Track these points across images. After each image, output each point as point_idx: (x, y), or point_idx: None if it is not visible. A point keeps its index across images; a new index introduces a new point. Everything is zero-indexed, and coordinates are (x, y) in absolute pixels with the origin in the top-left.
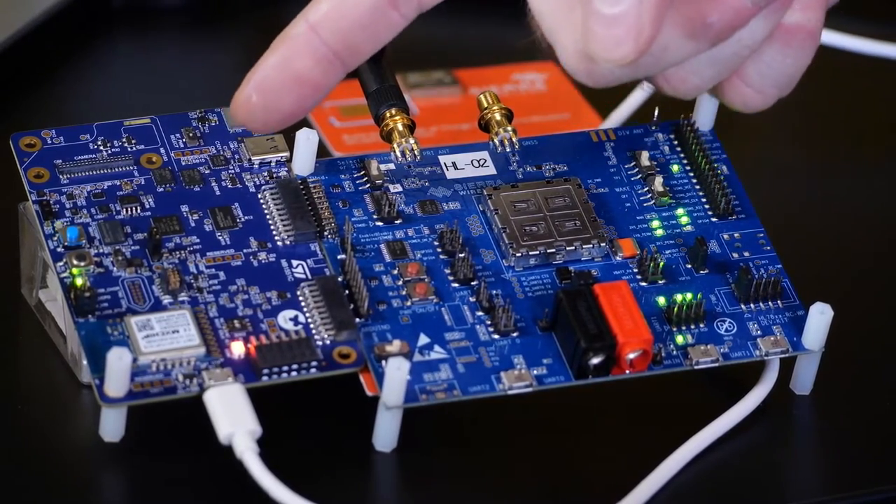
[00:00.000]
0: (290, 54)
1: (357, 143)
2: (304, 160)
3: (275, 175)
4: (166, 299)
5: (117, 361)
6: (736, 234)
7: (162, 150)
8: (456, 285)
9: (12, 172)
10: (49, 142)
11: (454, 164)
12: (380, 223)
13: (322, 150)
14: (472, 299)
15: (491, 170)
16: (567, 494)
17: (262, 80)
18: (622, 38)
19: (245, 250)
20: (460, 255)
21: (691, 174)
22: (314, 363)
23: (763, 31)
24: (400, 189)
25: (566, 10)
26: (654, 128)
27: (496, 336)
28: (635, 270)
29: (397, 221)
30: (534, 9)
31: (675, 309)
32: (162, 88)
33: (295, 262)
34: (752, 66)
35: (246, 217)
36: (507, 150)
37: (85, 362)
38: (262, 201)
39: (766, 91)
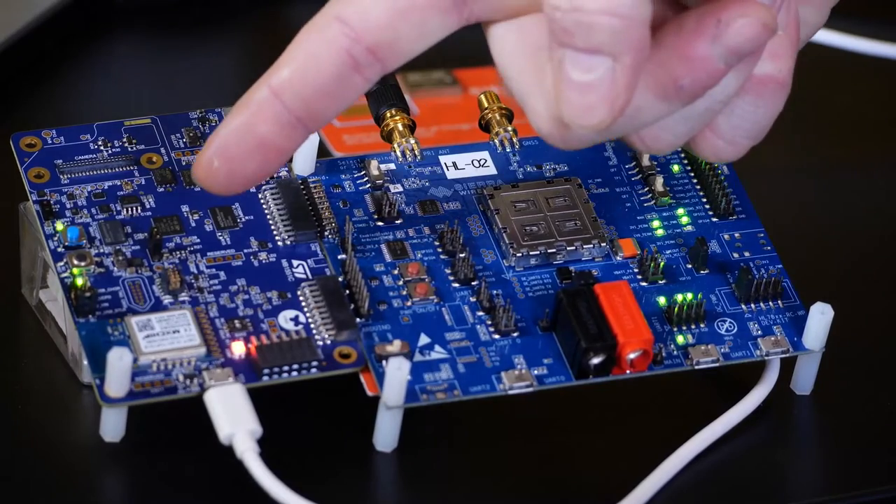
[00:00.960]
0: (253, 120)
1: (357, 143)
2: (304, 160)
3: (275, 175)
4: (167, 299)
5: (118, 361)
6: (736, 234)
7: (162, 150)
8: (456, 285)
9: (12, 172)
10: (49, 142)
11: (454, 164)
12: (380, 223)
13: (322, 150)
14: (472, 299)
15: (491, 170)
16: (567, 494)
17: (224, 146)
18: (596, 104)
19: (245, 250)
20: (461, 255)
21: (692, 174)
22: (315, 363)
23: (734, 86)
24: (400, 189)
25: (536, 73)
26: None
27: (497, 336)
28: (636, 270)
29: (398, 221)
30: (502, 72)
31: (676, 309)
32: (162, 88)
33: (295, 262)
34: (724, 119)
35: (246, 217)
36: (508, 150)
37: (85, 362)
38: (262, 201)
39: (738, 142)
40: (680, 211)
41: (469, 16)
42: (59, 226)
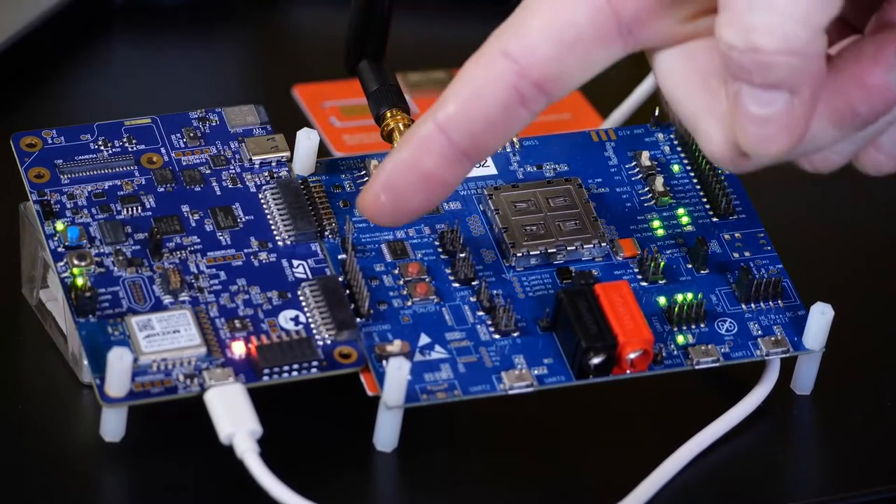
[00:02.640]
0: (419, 154)
1: (358, 143)
2: (304, 160)
3: (275, 175)
4: (167, 299)
5: (118, 361)
6: (736, 234)
7: (163, 150)
8: (457, 285)
9: (13, 172)
10: (50, 142)
11: None
12: None
13: (323, 150)
14: (472, 299)
15: (491, 170)
16: (567, 494)
17: (390, 180)
18: (775, 135)
19: (246, 250)
20: (461, 255)
21: (692, 174)
22: (315, 363)
23: None
24: None
25: (707, 98)
26: (654, 128)
27: (497, 336)
28: (636, 270)
29: None
30: (669, 97)
31: (676, 309)
32: (162, 88)
33: (296, 262)
34: (887, 136)
35: (247, 217)
36: (508, 149)
37: (86, 362)
38: (262, 201)
39: None
40: (680, 211)
41: (635, 45)
42: (60, 226)
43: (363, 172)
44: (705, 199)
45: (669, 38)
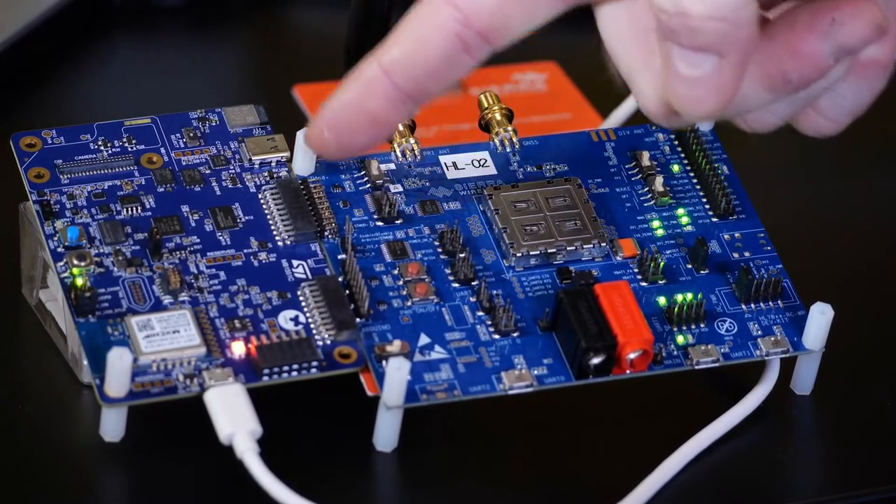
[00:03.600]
0: (363, 96)
1: None
2: (304, 160)
3: (275, 175)
4: (167, 299)
5: (118, 361)
6: (736, 234)
7: (162, 150)
8: (456, 285)
9: (12, 172)
10: (49, 142)
11: (454, 164)
12: (380, 223)
13: None
14: (472, 299)
15: (491, 170)
16: (568, 495)
17: (334, 118)
18: (704, 96)
19: (245, 250)
20: (461, 256)
21: (692, 174)
22: (315, 363)
23: (839, 74)
24: (400, 189)
25: (645, 54)
26: (654, 128)
27: (497, 336)
28: (636, 270)
29: (398, 221)
30: (609, 50)
31: (676, 309)
32: (162, 88)
33: (295, 262)
34: (826, 99)
35: (246, 217)
36: (508, 150)
37: (85, 362)
38: (262, 201)
39: (839, 120)
40: (680, 211)
41: None
42: (59, 226)
43: (363, 173)
44: (705, 200)
45: None
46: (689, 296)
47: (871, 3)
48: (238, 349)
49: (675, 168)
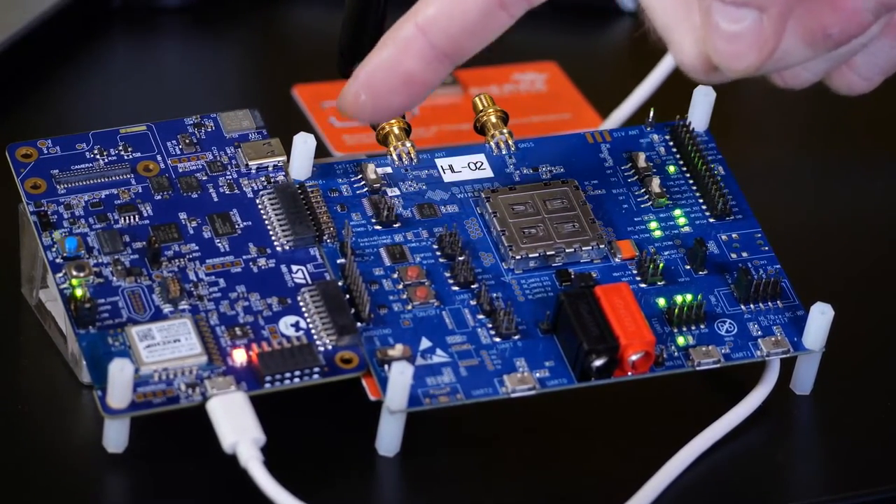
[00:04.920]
0: (399, 56)
1: (357, 143)
2: (301, 164)
3: (272, 179)
4: (167, 308)
5: (119, 373)
6: (734, 235)
7: (158, 158)
8: (456, 289)
9: (11, 172)
10: (45, 151)
11: (451, 167)
12: (378, 227)
13: (322, 150)
14: (472, 302)
15: (488, 172)
16: (571, 498)
17: (371, 80)
18: (744, 52)
19: (244, 256)
20: (460, 259)
21: (688, 175)
22: (316, 369)
23: (877, 31)
24: (398, 192)
25: (683, 8)
26: (649, 129)
27: (498, 339)
28: (635, 272)
29: (396, 225)
30: (646, 4)
31: (676, 310)
32: (161, 89)
33: (295, 268)
34: (862, 57)
35: (244, 223)
36: (504, 152)
37: (85, 362)
38: (260, 206)
39: (872, 78)
40: (677, 212)
41: None
42: (57, 236)
43: (360, 176)
44: (702, 200)
45: None
46: (689, 297)
47: None
48: (239, 357)
49: (671, 169)
